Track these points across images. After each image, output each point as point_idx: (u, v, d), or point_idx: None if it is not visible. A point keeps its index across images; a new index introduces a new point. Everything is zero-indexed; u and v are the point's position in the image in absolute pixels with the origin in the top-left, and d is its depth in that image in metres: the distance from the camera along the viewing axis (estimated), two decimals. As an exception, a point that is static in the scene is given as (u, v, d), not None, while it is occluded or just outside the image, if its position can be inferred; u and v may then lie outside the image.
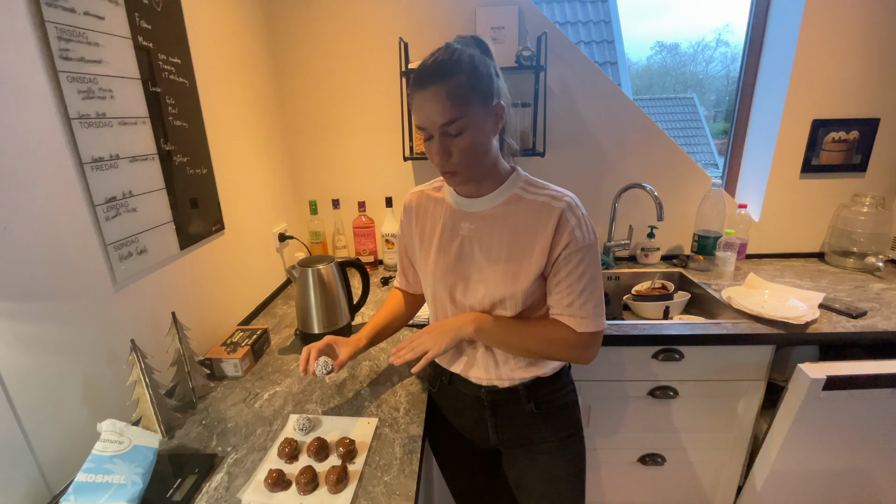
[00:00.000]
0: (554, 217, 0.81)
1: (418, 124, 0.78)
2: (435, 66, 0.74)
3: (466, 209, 0.88)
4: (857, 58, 1.61)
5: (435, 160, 0.79)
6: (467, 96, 0.74)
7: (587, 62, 1.68)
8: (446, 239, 0.90)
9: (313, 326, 1.24)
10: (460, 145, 0.76)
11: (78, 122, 0.84)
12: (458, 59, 0.75)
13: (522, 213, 0.84)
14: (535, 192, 0.85)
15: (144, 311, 1.00)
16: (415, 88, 0.76)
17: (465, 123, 0.75)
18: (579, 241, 0.80)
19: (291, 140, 1.81)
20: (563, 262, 0.81)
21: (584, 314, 0.82)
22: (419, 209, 0.97)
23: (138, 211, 0.98)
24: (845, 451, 1.30)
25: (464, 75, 0.74)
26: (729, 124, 1.95)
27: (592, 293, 0.83)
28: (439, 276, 0.90)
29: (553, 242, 0.81)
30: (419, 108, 0.76)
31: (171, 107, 1.10)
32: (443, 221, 0.91)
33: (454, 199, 0.90)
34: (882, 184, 1.75)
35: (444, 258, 0.90)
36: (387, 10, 1.63)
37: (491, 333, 0.86)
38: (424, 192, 0.97)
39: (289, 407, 1.00)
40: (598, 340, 0.85)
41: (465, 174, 0.80)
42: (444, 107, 0.73)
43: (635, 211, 1.83)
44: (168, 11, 1.09)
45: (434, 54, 0.77)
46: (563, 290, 0.83)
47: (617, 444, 1.48)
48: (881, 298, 1.46)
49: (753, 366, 1.34)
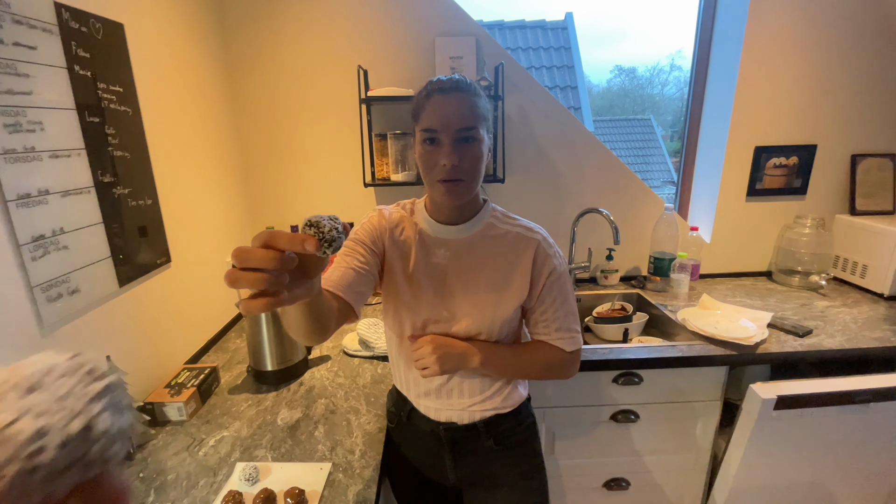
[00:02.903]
0: (531, 248, 0.85)
1: (430, 126, 0.76)
2: (459, 80, 0.78)
3: (443, 236, 0.86)
4: (794, 88, 1.72)
5: (441, 163, 0.75)
6: (482, 115, 0.78)
7: (543, 91, 1.72)
8: (421, 266, 0.86)
9: (266, 363, 1.18)
10: (470, 153, 0.77)
11: (2, 157, 0.78)
12: (477, 86, 0.80)
13: (498, 242, 0.86)
14: (509, 224, 0.88)
15: (77, 355, 0.93)
16: (434, 93, 0.77)
17: (476, 135, 0.77)
18: (558, 269, 0.86)
19: (248, 165, 1.76)
20: (547, 291, 0.86)
21: (572, 334, 0.88)
22: (395, 224, 0.88)
23: (70, 248, 0.91)
24: (802, 466, 1.33)
25: (482, 99, 0.80)
26: (683, 138, 2.03)
27: (573, 314, 0.89)
28: (414, 308, 0.86)
29: (534, 273, 0.85)
30: (437, 109, 0.76)
31: (112, 136, 1.05)
32: (416, 246, 0.87)
33: (429, 225, 0.87)
34: (821, 206, 1.86)
35: (419, 288, 0.85)
36: (346, 38, 1.63)
37: (494, 365, 0.86)
38: (399, 210, 0.91)
39: (236, 454, 0.95)
40: (580, 355, 0.92)
41: (469, 184, 0.79)
42: (465, 113, 0.76)
43: (594, 234, 1.87)
44: (109, 38, 1.05)
45: (450, 76, 0.80)
46: (550, 317, 0.87)
47: (581, 470, 1.47)
48: (825, 316, 1.53)
49: (709, 386, 1.37)
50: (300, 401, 1.13)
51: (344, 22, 1.62)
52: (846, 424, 1.25)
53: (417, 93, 0.81)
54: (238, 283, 0.43)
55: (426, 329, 0.87)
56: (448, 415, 0.91)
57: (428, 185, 0.81)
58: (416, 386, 0.92)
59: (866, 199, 1.82)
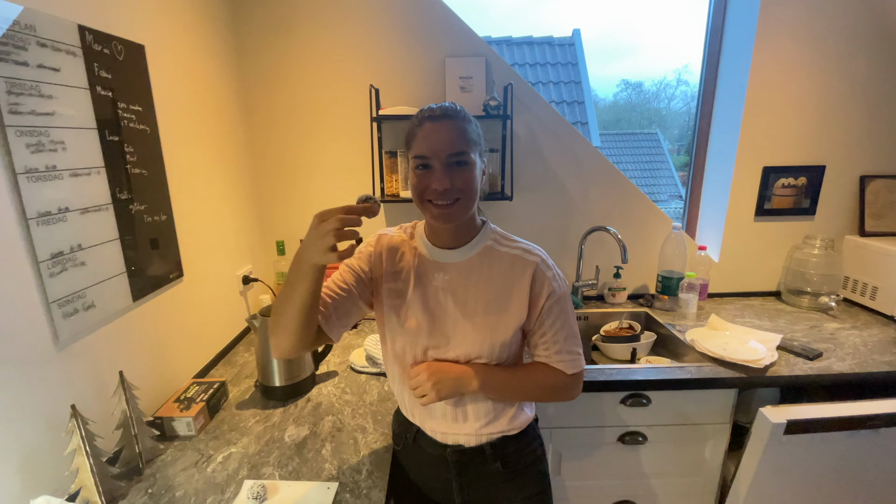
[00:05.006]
0: (529, 271, 0.84)
1: (421, 153, 0.79)
2: (448, 108, 0.81)
3: (441, 259, 0.87)
4: (803, 109, 1.72)
5: (433, 186, 0.78)
6: (473, 140, 0.80)
7: (551, 110, 1.74)
8: (420, 291, 0.87)
9: (274, 379, 1.19)
10: (462, 175, 0.79)
11: (25, 176, 0.80)
12: (466, 113, 0.83)
13: (496, 265, 0.86)
14: (507, 245, 0.87)
15: (90, 370, 0.94)
16: (424, 121, 0.80)
17: (467, 159, 0.79)
18: (557, 291, 0.85)
19: (259, 181, 1.78)
20: (546, 314, 0.85)
21: (572, 357, 0.87)
22: (393, 249, 0.91)
23: (87, 264, 0.93)
24: (811, 491, 1.31)
25: (472, 125, 0.82)
26: (690, 157, 2.03)
27: (574, 336, 0.88)
28: (414, 335, 0.86)
29: (533, 296, 0.84)
30: (427, 137, 0.78)
31: (130, 155, 1.07)
32: (416, 270, 0.88)
33: (428, 248, 0.88)
34: (830, 227, 1.85)
35: (418, 315, 0.86)
36: (358, 57, 1.66)
37: (493, 388, 0.86)
38: (400, 234, 0.93)
39: (244, 471, 0.95)
40: (582, 377, 0.91)
41: (464, 204, 0.80)
42: (455, 139, 0.78)
43: (601, 251, 1.87)
44: (130, 59, 1.08)
45: (441, 104, 0.82)
46: (550, 339, 0.86)
47: (588, 492, 1.45)
48: (835, 339, 1.52)
49: (718, 409, 1.36)
50: (307, 417, 1.14)
51: (357, 42, 1.65)
52: (857, 449, 1.24)
53: (409, 121, 0.83)
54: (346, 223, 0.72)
55: (427, 354, 0.87)
56: (455, 438, 0.91)
57: (421, 209, 0.83)
58: (422, 412, 0.92)
59: (876, 221, 1.81)
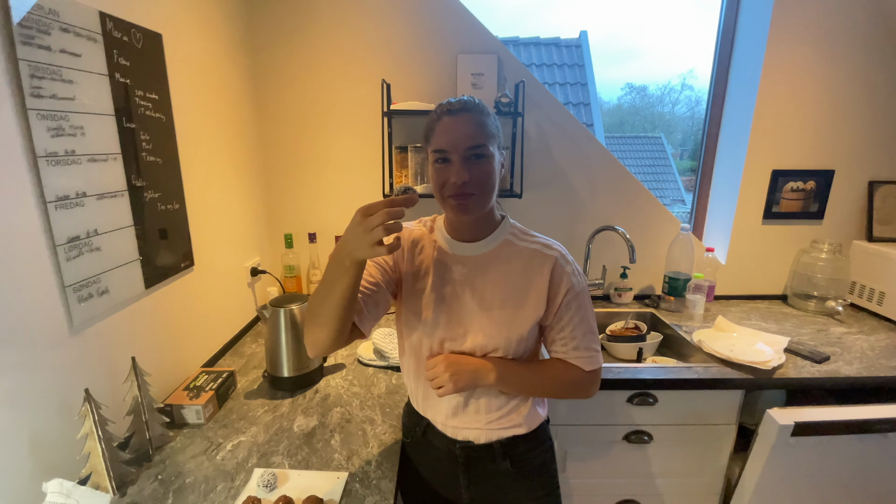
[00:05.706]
0: (548, 265, 0.84)
1: (440, 146, 0.79)
2: (467, 101, 0.81)
3: (461, 253, 0.87)
4: (812, 114, 1.73)
5: (451, 181, 0.78)
6: (491, 133, 0.80)
7: (562, 109, 1.74)
8: (438, 284, 0.87)
9: (283, 370, 1.19)
10: (480, 168, 0.79)
11: (45, 159, 0.81)
12: (485, 106, 0.82)
13: (515, 259, 0.86)
14: (527, 240, 0.87)
15: (102, 354, 0.95)
16: (443, 115, 0.80)
17: (486, 152, 0.79)
18: (576, 286, 0.85)
19: (270, 173, 1.79)
20: (565, 309, 0.85)
21: (590, 353, 0.87)
22: (414, 243, 0.91)
23: (102, 250, 0.94)
24: (817, 494, 1.31)
25: (491, 118, 0.82)
26: (694, 162, 2.04)
27: (593, 332, 0.88)
28: (431, 327, 0.86)
29: (551, 290, 0.84)
30: (446, 130, 0.79)
31: (146, 142, 1.07)
32: (435, 263, 0.88)
33: (447, 242, 0.88)
34: (838, 231, 1.85)
35: (436, 307, 0.86)
36: (370, 52, 1.67)
37: (510, 382, 0.86)
38: (420, 228, 0.93)
39: (253, 459, 0.95)
40: (600, 375, 0.91)
41: (481, 198, 0.80)
42: (474, 132, 0.78)
43: (608, 251, 1.87)
44: (148, 48, 1.09)
45: (459, 98, 0.82)
46: (568, 335, 0.86)
47: (593, 490, 1.45)
48: (842, 343, 1.52)
49: (725, 410, 1.36)
50: (316, 408, 1.14)
51: (369, 37, 1.65)
52: (864, 453, 1.24)
53: (428, 116, 0.83)
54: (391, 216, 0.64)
55: (443, 346, 0.87)
56: (465, 433, 0.90)
57: (441, 203, 0.83)
58: (434, 405, 0.92)
59: (884, 226, 1.81)
